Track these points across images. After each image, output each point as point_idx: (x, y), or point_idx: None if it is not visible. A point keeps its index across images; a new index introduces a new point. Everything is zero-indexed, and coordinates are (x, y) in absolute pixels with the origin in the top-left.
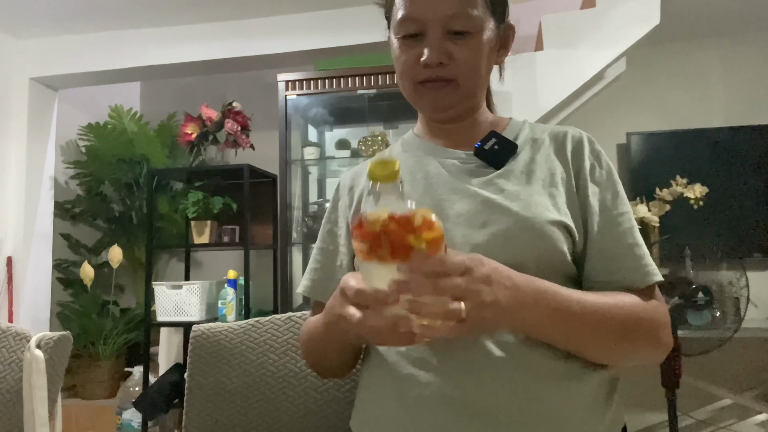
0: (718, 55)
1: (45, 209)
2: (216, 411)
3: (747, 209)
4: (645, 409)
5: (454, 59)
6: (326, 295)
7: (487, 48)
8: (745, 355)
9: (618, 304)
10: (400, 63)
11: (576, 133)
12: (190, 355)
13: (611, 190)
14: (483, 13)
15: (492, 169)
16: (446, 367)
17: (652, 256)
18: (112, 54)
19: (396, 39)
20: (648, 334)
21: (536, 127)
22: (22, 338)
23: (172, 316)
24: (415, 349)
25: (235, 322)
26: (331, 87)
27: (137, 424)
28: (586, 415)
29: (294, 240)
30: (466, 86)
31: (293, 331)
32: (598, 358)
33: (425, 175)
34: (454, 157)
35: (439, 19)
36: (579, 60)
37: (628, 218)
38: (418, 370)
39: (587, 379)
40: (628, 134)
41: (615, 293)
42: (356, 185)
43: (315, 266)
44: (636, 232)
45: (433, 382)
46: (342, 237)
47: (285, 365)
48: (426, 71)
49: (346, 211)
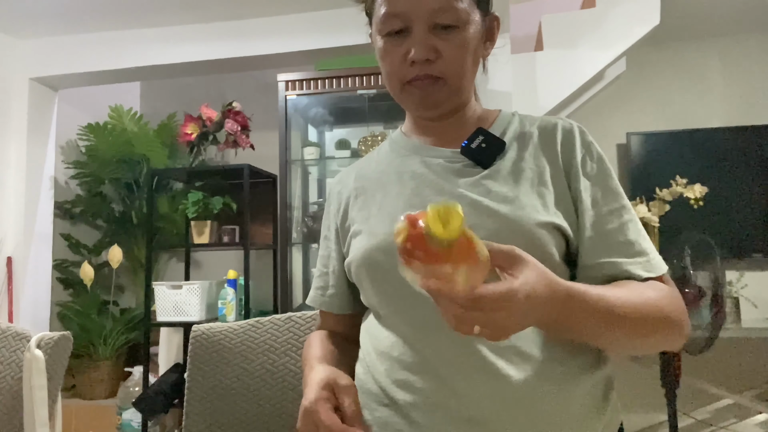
0: (718, 55)
1: (45, 209)
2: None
3: (747, 209)
4: (645, 409)
5: (441, 56)
6: (324, 303)
7: (474, 42)
8: (745, 355)
9: (647, 301)
10: (386, 63)
11: (566, 124)
12: (190, 355)
13: (602, 185)
14: (469, 6)
15: (479, 168)
16: (439, 372)
17: None
18: (112, 54)
19: (380, 37)
20: (674, 324)
21: (525, 120)
22: (22, 338)
23: (172, 316)
24: (407, 353)
25: (235, 322)
26: (331, 87)
27: (137, 424)
28: (582, 417)
29: (294, 240)
30: (453, 83)
31: (293, 331)
32: (624, 352)
33: (412, 175)
34: (441, 156)
35: (424, 14)
36: (579, 60)
37: (623, 212)
38: (411, 375)
39: (583, 380)
40: (628, 134)
41: (636, 285)
42: (343, 189)
43: (317, 275)
44: (634, 226)
45: (425, 388)
46: (332, 242)
47: (285, 365)
48: (413, 69)
49: (336, 216)
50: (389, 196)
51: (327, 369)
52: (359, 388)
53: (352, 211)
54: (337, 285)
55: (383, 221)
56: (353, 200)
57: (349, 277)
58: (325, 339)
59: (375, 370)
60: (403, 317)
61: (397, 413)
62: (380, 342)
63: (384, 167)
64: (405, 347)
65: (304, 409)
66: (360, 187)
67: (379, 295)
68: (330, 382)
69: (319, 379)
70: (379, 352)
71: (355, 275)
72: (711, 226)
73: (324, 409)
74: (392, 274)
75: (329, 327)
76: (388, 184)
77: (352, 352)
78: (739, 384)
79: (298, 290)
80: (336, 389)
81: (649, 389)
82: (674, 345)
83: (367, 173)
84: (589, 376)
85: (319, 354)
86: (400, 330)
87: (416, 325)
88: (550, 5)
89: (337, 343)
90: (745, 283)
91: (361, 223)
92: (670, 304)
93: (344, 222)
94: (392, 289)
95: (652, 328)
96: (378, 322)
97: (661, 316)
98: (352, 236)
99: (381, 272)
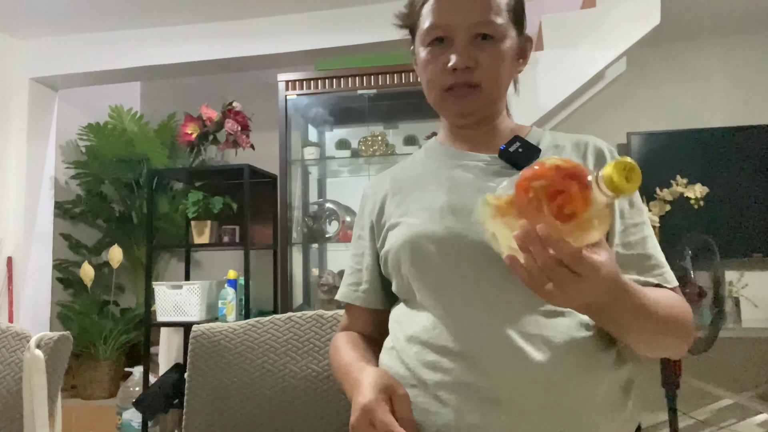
0: (718, 55)
1: (45, 209)
2: (216, 411)
3: (747, 209)
4: (645, 409)
5: (480, 64)
6: (357, 298)
7: (509, 56)
8: (745, 355)
9: (673, 305)
10: (428, 71)
11: (598, 143)
12: (190, 355)
13: (629, 200)
14: (506, 22)
15: (516, 171)
16: (468, 354)
17: None
18: (112, 54)
19: (423, 48)
20: (686, 329)
21: (557, 135)
22: (22, 338)
23: (172, 316)
24: (438, 336)
25: (235, 322)
26: (331, 87)
27: (137, 424)
28: (604, 410)
29: (294, 240)
30: (489, 92)
31: (293, 331)
32: (640, 348)
33: (449, 176)
34: (479, 160)
35: (466, 26)
36: (579, 60)
37: (644, 227)
38: (441, 357)
39: (607, 375)
40: (628, 134)
41: (664, 290)
42: (378, 190)
43: (348, 272)
44: (653, 241)
45: (454, 369)
46: (366, 240)
47: (285, 365)
48: (453, 76)
49: (371, 215)
50: (427, 194)
51: (382, 373)
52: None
53: (389, 208)
54: (371, 280)
55: (422, 214)
56: (390, 198)
57: (384, 271)
58: (358, 341)
59: (404, 354)
60: (437, 300)
61: (425, 393)
62: (410, 327)
63: (420, 171)
64: (435, 331)
65: (363, 406)
66: (397, 187)
67: (416, 278)
68: (387, 386)
69: (375, 381)
70: (408, 337)
71: (393, 260)
72: (711, 226)
73: (383, 409)
74: (431, 256)
75: (356, 326)
76: (425, 185)
77: (378, 355)
78: (739, 384)
79: (298, 290)
80: (393, 395)
81: (649, 389)
82: (681, 350)
83: (403, 177)
84: (612, 372)
85: (361, 356)
86: (434, 313)
87: (449, 308)
88: (550, 5)
89: (370, 347)
90: (745, 283)
91: (399, 217)
92: (686, 312)
93: (380, 218)
94: (430, 271)
95: (673, 330)
96: (409, 308)
97: (680, 320)
98: (389, 229)
99: (421, 253)
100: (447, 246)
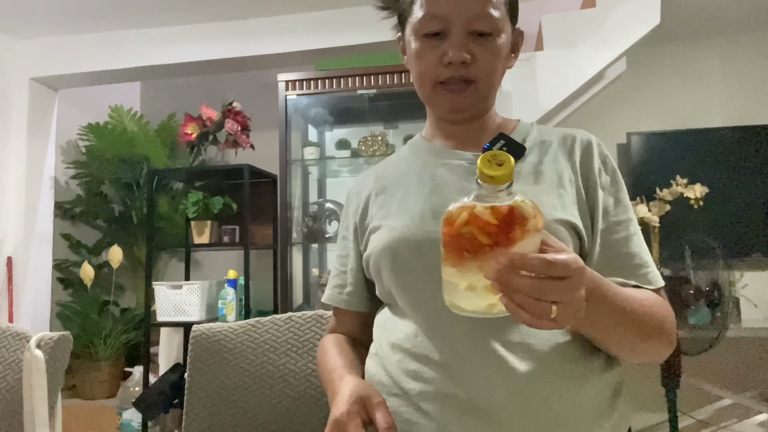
0: (718, 55)
1: (45, 209)
2: (216, 411)
3: (747, 209)
4: (645, 409)
5: (476, 60)
6: (342, 301)
7: (505, 51)
8: (745, 355)
9: (651, 306)
10: (421, 63)
11: (585, 136)
12: (190, 356)
13: (614, 197)
14: (503, 16)
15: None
16: (450, 364)
17: (652, 256)
18: (112, 54)
19: (415, 38)
20: (668, 333)
21: (544, 130)
22: (22, 338)
23: (172, 316)
24: (420, 345)
25: (235, 322)
26: (331, 87)
27: (137, 424)
28: (589, 417)
29: (294, 240)
30: (484, 88)
31: (293, 331)
32: (621, 354)
33: (432, 176)
34: (462, 159)
35: (463, 18)
36: (579, 60)
37: (630, 225)
38: (422, 366)
39: (593, 381)
40: (628, 134)
41: (643, 290)
42: (363, 189)
43: (333, 274)
44: (638, 239)
45: (436, 378)
46: (350, 240)
47: (285, 365)
48: (448, 71)
49: (355, 215)
50: (409, 195)
51: (360, 383)
52: (370, 381)
53: (372, 209)
54: (355, 283)
55: (403, 218)
56: (373, 198)
57: (367, 274)
58: (344, 345)
59: (387, 361)
60: (418, 308)
61: (407, 403)
62: (393, 334)
63: (404, 168)
64: (417, 339)
65: (335, 419)
66: (380, 186)
67: (397, 285)
68: (363, 396)
69: (351, 392)
70: (391, 344)
71: (374, 265)
72: (711, 226)
73: (355, 423)
74: (411, 263)
75: (343, 328)
76: (409, 184)
77: (365, 358)
78: (739, 384)
79: (298, 290)
80: (368, 405)
81: (649, 389)
82: (662, 355)
83: (387, 174)
84: (599, 378)
85: (344, 363)
86: (415, 320)
87: (430, 317)
88: (550, 5)
89: (356, 350)
90: (745, 283)
91: (380, 220)
92: (668, 315)
93: (363, 219)
94: (410, 279)
95: (652, 333)
96: (392, 313)
97: (659, 323)
98: (371, 232)
99: (401, 260)
100: (427, 252)
